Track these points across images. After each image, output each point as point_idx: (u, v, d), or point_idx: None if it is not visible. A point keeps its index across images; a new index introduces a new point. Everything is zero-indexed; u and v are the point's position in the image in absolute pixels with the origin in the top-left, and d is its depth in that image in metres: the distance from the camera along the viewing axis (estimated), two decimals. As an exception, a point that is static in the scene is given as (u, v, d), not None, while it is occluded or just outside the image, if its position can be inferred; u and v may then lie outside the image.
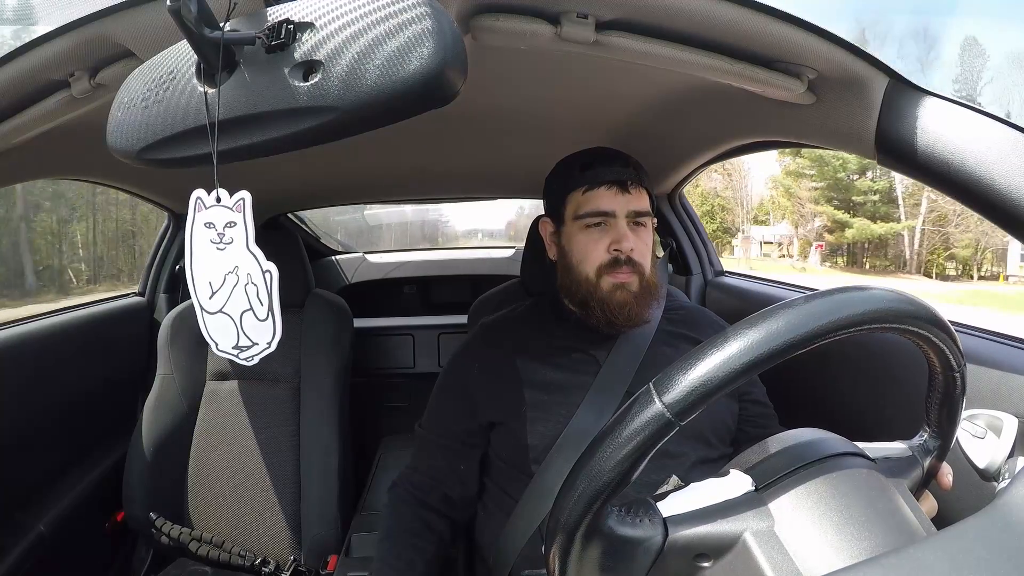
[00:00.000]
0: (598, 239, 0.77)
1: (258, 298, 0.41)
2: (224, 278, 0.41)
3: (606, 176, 0.77)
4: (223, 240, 0.41)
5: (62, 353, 1.12)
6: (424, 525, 0.80)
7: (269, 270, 0.41)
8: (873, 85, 0.59)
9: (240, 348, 0.43)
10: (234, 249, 0.41)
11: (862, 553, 0.34)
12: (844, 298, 0.35)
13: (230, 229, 0.41)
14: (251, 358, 0.43)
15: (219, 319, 0.42)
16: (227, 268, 0.41)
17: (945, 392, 0.42)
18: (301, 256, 1.28)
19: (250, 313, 0.42)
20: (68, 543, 1.06)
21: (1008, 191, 0.50)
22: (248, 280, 0.41)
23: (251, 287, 0.41)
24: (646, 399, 0.34)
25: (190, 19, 0.33)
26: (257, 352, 0.43)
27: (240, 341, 0.43)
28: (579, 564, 0.37)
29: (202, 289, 0.42)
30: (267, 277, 0.41)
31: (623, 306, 0.75)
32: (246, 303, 0.41)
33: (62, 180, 1.09)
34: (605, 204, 0.77)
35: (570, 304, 0.83)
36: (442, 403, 0.87)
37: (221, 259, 0.41)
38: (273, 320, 0.42)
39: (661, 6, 0.52)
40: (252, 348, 0.43)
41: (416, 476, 0.85)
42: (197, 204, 0.41)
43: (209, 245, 0.41)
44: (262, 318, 0.42)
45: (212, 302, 0.42)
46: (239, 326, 0.42)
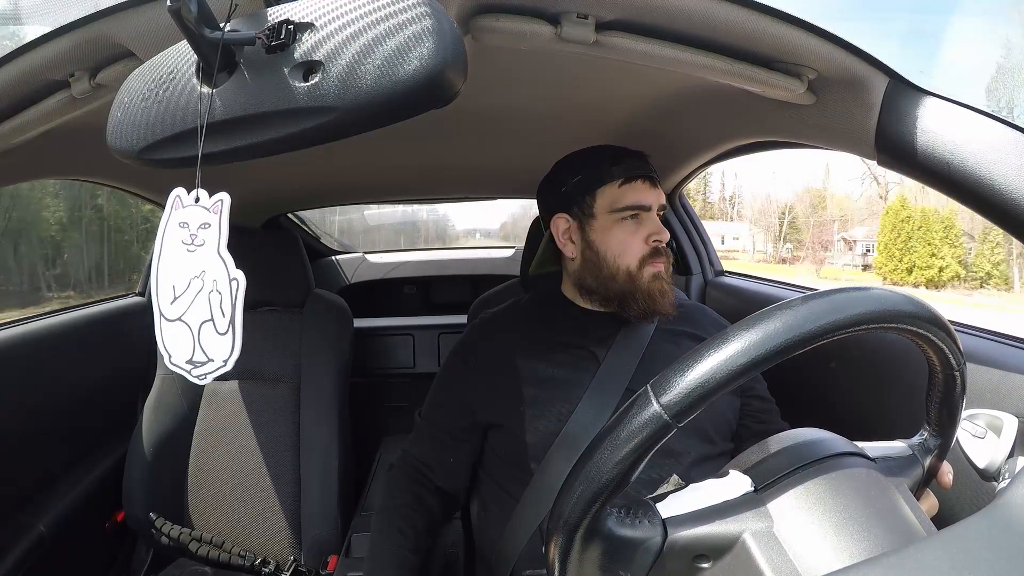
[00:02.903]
0: (635, 231, 0.78)
1: (220, 308, 0.38)
2: (189, 282, 0.39)
3: (639, 170, 0.79)
4: (194, 242, 0.39)
5: (62, 353, 1.12)
6: (416, 498, 0.82)
7: (236, 278, 0.38)
8: (873, 85, 0.59)
9: (194, 363, 0.39)
10: (204, 252, 0.39)
11: (862, 553, 0.34)
12: (843, 298, 0.35)
13: (203, 231, 0.39)
14: (204, 376, 0.39)
15: (176, 328, 0.39)
16: (194, 272, 0.39)
17: (945, 391, 0.42)
18: (301, 256, 1.28)
19: (210, 324, 0.39)
20: (68, 543, 1.06)
21: (1008, 191, 0.50)
22: (213, 287, 0.38)
23: (215, 295, 0.38)
24: (644, 401, 0.34)
25: (190, 19, 0.33)
26: (211, 370, 0.39)
27: (195, 355, 0.39)
28: (579, 565, 0.37)
29: (164, 292, 0.39)
30: (233, 285, 0.38)
31: (663, 293, 0.78)
32: (207, 313, 0.39)
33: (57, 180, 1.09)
34: (644, 198, 0.79)
35: (592, 300, 0.83)
36: (439, 397, 0.88)
37: (189, 262, 0.39)
38: (233, 335, 0.38)
39: (661, 7, 0.52)
40: (206, 365, 0.39)
41: (411, 459, 0.87)
42: (175, 202, 0.39)
43: (179, 246, 0.39)
44: (222, 331, 0.38)
45: (172, 308, 0.39)
46: (196, 338, 0.39)
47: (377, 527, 0.79)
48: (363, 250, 2.34)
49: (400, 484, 0.85)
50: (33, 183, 4.80)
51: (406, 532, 0.77)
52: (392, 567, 0.74)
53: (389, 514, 0.80)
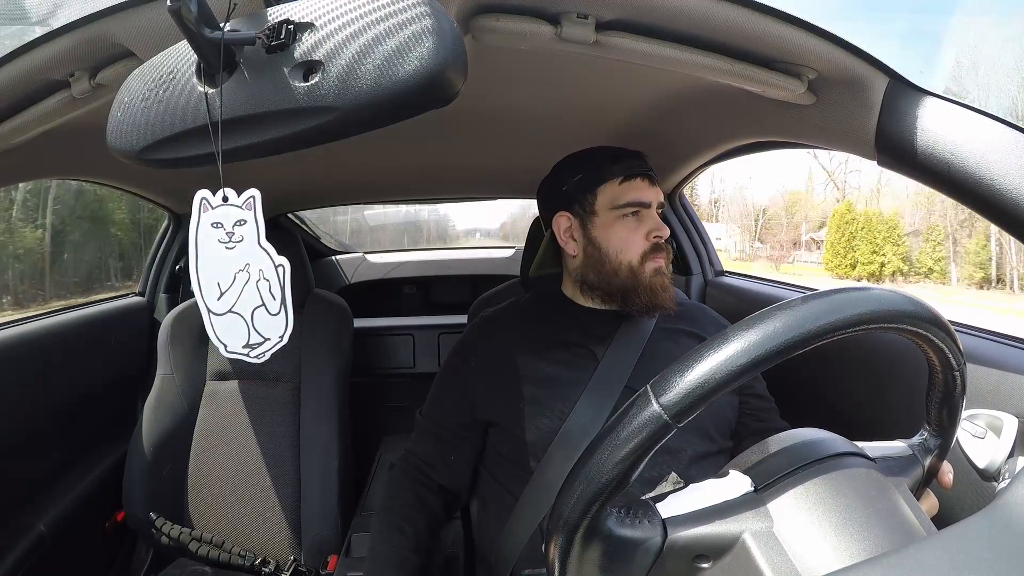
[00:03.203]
0: (636, 227, 0.80)
1: (271, 293, 0.42)
2: (234, 277, 0.42)
3: (638, 168, 0.81)
4: (232, 239, 0.41)
5: (62, 353, 1.12)
6: (417, 498, 0.82)
7: (282, 264, 0.41)
8: (873, 85, 0.59)
9: (251, 346, 0.43)
10: (244, 247, 0.41)
11: (862, 553, 0.34)
12: (843, 298, 0.35)
13: (240, 227, 0.41)
14: (262, 355, 0.43)
15: (227, 319, 0.42)
16: (237, 267, 0.41)
17: (945, 391, 0.42)
18: (301, 256, 1.28)
19: (262, 309, 0.42)
20: (68, 543, 1.06)
21: (1008, 191, 0.50)
22: (260, 276, 0.41)
23: (263, 283, 0.42)
24: (643, 401, 0.34)
25: (190, 19, 0.33)
26: (269, 348, 0.43)
27: (251, 339, 0.43)
28: (579, 565, 0.37)
29: (209, 291, 0.42)
30: (280, 271, 0.41)
31: (665, 288, 0.80)
32: (258, 299, 0.42)
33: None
34: (643, 195, 0.80)
35: (593, 298, 0.84)
36: (439, 395, 0.88)
37: (230, 258, 0.41)
38: (286, 313, 0.42)
39: (661, 7, 0.52)
40: (264, 344, 0.43)
41: (412, 458, 0.87)
42: (203, 204, 0.41)
43: (217, 245, 0.41)
44: (274, 312, 0.42)
45: (220, 303, 0.42)
46: (250, 324, 0.42)
47: (377, 527, 0.79)
48: (370, 249, 2.35)
49: (401, 484, 0.85)
50: (84, 188, 5.06)
51: (406, 532, 0.77)
52: (392, 567, 0.73)
53: (390, 514, 0.80)
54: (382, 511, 0.81)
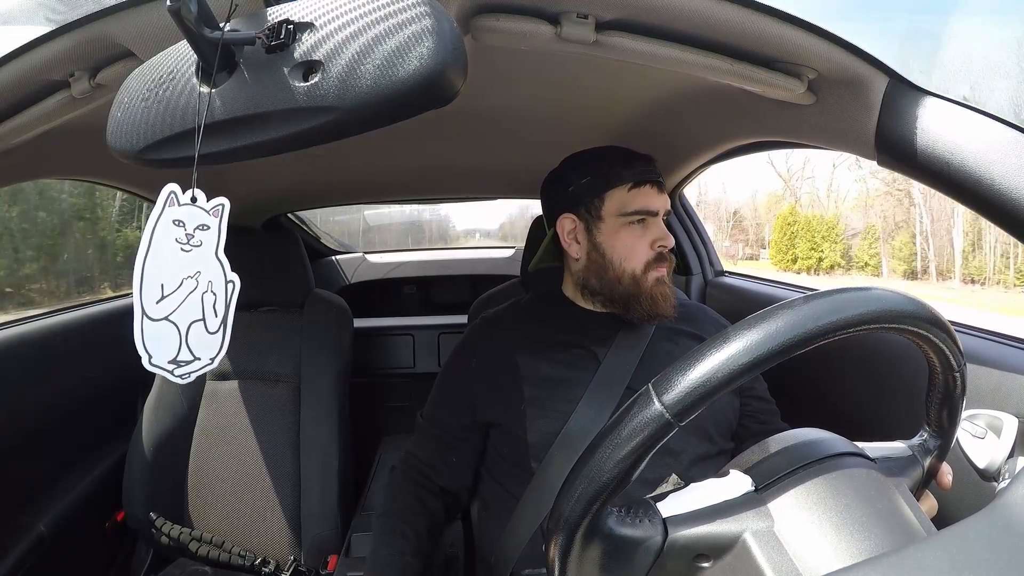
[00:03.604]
0: (641, 236, 0.79)
1: (214, 308, 0.39)
2: (181, 282, 0.39)
3: (649, 175, 0.80)
4: (190, 241, 0.39)
5: (62, 353, 1.12)
6: (418, 501, 0.82)
7: (233, 280, 0.39)
8: (873, 85, 0.59)
9: (178, 363, 0.39)
10: (200, 253, 0.39)
11: (862, 553, 0.34)
12: (844, 298, 0.35)
13: (201, 232, 0.39)
14: (187, 375, 0.39)
15: (160, 327, 0.39)
16: (187, 272, 0.39)
17: (945, 392, 0.42)
18: (301, 256, 1.28)
19: (200, 324, 0.39)
20: (68, 543, 1.06)
21: (1008, 191, 0.50)
22: (208, 288, 0.39)
23: (208, 295, 0.39)
24: (645, 400, 0.34)
25: (190, 19, 0.33)
26: (196, 368, 0.39)
27: (180, 355, 0.39)
28: (579, 564, 0.37)
29: (150, 291, 0.39)
30: (229, 287, 0.39)
31: (666, 298, 0.79)
32: (199, 312, 0.39)
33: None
34: (652, 203, 0.79)
35: (594, 301, 0.84)
36: (440, 396, 0.88)
37: (183, 261, 0.39)
38: (223, 334, 0.39)
39: (661, 7, 0.52)
40: (192, 364, 0.39)
41: (413, 461, 0.87)
42: (169, 198, 0.39)
43: (173, 244, 0.39)
44: (212, 331, 0.39)
45: (158, 307, 0.39)
46: (183, 337, 0.39)
47: (378, 530, 0.79)
48: (377, 248, 2.36)
49: (402, 487, 0.85)
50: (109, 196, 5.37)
51: (408, 535, 0.77)
52: (394, 571, 0.73)
53: (390, 517, 0.80)
54: (383, 514, 0.81)
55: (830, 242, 23.70)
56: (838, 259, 23.34)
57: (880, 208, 23.24)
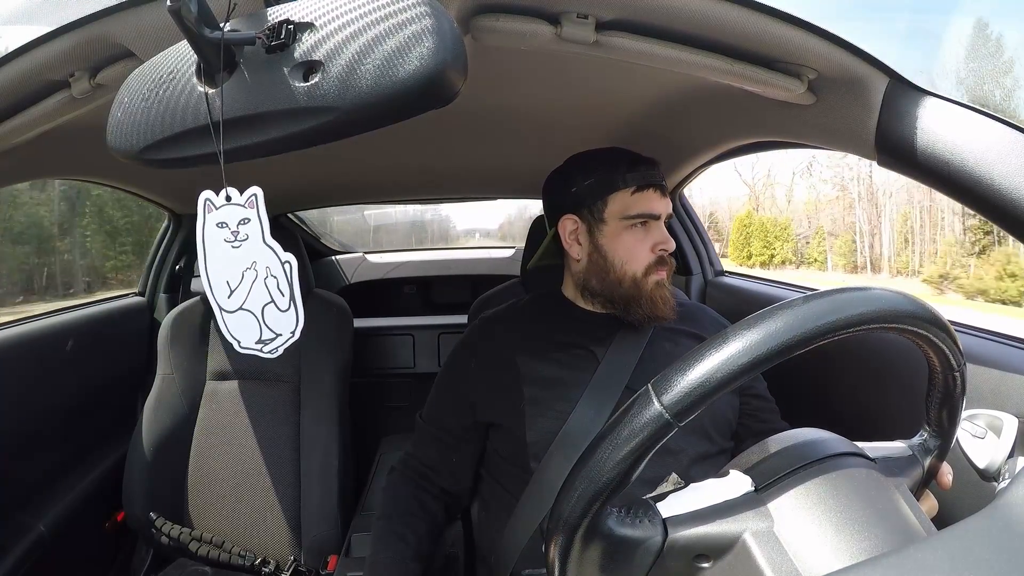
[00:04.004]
0: (642, 239, 0.79)
1: (279, 289, 0.42)
2: (242, 275, 0.42)
3: (652, 179, 0.80)
4: (238, 238, 0.42)
5: (62, 353, 1.12)
6: (418, 503, 0.82)
7: (288, 260, 0.42)
8: (873, 85, 0.59)
9: (263, 342, 0.43)
10: (250, 245, 0.42)
11: (862, 553, 0.34)
12: (844, 298, 0.35)
13: (244, 226, 0.41)
14: (275, 350, 0.43)
15: (238, 317, 0.43)
16: (244, 265, 0.42)
17: (945, 392, 0.42)
18: (301, 256, 1.28)
19: (272, 305, 0.42)
20: (68, 543, 1.06)
21: (1008, 191, 0.50)
22: (267, 273, 0.42)
23: (271, 280, 0.42)
24: (644, 400, 0.34)
25: (190, 19, 0.33)
26: (281, 343, 0.43)
27: (263, 335, 0.43)
28: (579, 564, 0.37)
29: (219, 289, 0.43)
30: (287, 268, 0.42)
31: (666, 301, 0.79)
32: (267, 296, 0.42)
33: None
34: (655, 207, 0.79)
35: (594, 302, 0.84)
36: (440, 397, 0.88)
37: (237, 257, 0.42)
38: (295, 309, 0.42)
39: (661, 6, 0.52)
40: (276, 340, 0.43)
41: (413, 462, 0.87)
42: (207, 205, 0.42)
43: (223, 244, 0.42)
44: (284, 308, 0.42)
45: (230, 301, 0.43)
46: (261, 320, 0.43)
47: (378, 533, 0.79)
48: (381, 248, 2.36)
49: (401, 489, 0.84)
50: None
51: (408, 539, 0.77)
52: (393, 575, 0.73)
53: (390, 520, 0.80)
54: (383, 517, 0.81)
55: (782, 241, 28.42)
56: (789, 255, 28.12)
57: (829, 212, 28.47)
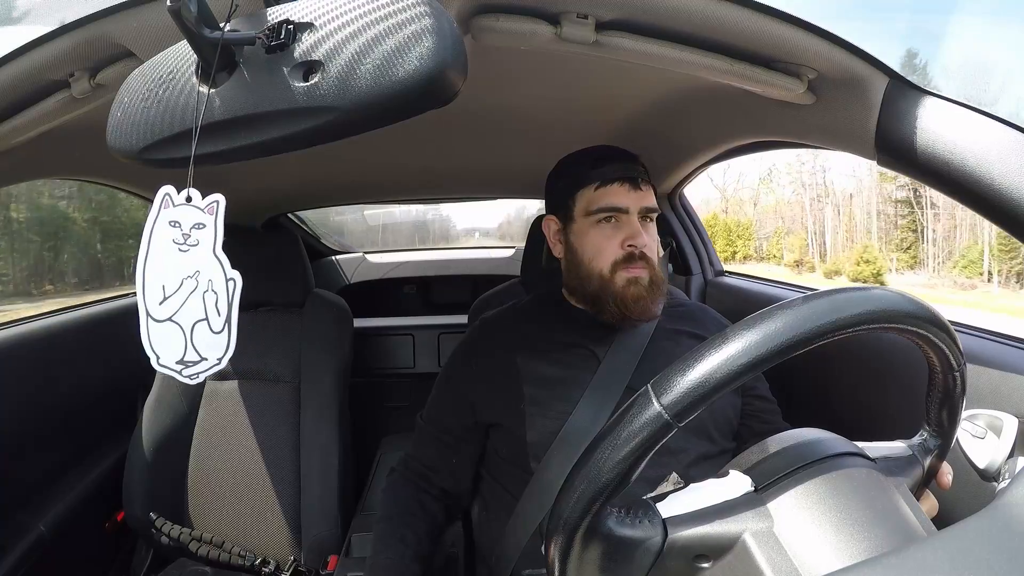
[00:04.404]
0: (611, 235, 0.78)
1: (216, 307, 0.38)
2: (181, 282, 0.38)
3: (618, 172, 0.78)
4: (187, 241, 0.38)
5: (62, 353, 1.12)
6: (418, 505, 0.82)
7: (233, 278, 0.38)
8: (873, 85, 0.59)
9: (185, 363, 0.39)
10: (198, 252, 0.38)
11: (862, 553, 0.34)
12: (844, 298, 0.35)
13: (197, 231, 0.38)
14: (196, 375, 0.39)
15: (166, 328, 0.39)
16: (186, 272, 0.38)
17: (945, 392, 0.42)
18: (301, 256, 1.28)
19: (204, 324, 0.38)
20: (68, 543, 1.06)
21: (1008, 191, 0.50)
22: (208, 287, 0.38)
23: (210, 295, 0.38)
24: (644, 400, 0.34)
25: (190, 19, 0.33)
26: (204, 369, 0.39)
27: (187, 355, 0.39)
28: (579, 565, 0.37)
29: (152, 292, 0.39)
30: (230, 285, 0.38)
31: (637, 300, 0.76)
32: (201, 312, 0.38)
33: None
34: (619, 200, 0.77)
35: (577, 300, 0.84)
36: (440, 398, 0.88)
37: (181, 261, 0.38)
38: (229, 333, 0.38)
39: (661, 6, 0.52)
40: (199, 364, 0.39)
41: (413, 463, 0.87)
42: (164, 200, 0.39)
43: (170, 245, 0.39)
44: (217, 330, 0.38)
45: (161, 308, 0.39)
46: (189, 338, 0.39)
47: (378, 535, 0.79)
48: (388, 245, 2.37)
49: (401, 490, 0.84)
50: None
51: (408, 540, 0.77)
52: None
53: (390, 522, 0.79)
54: (383, 518, 0.81)
55: (744, 240, 33.56)
56: (750, 252, 33.22)
57: (788, 213, 33.91)
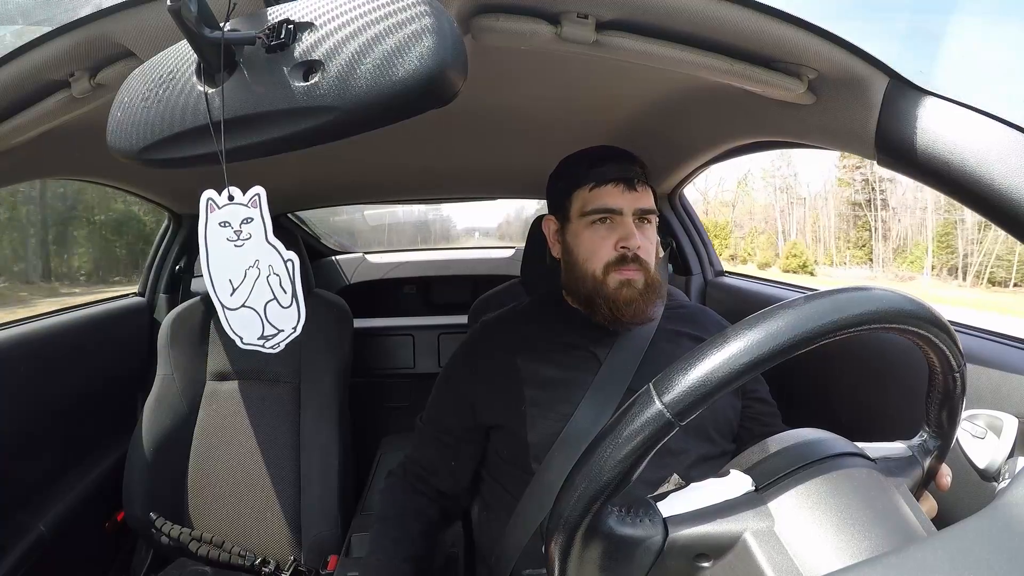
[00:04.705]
0: (605, 236, 0.78)
1: (281, 287, 0.43)
2: (245, 273, 0.43)
3: (613, 174, 0.78)
4: (240, 237, 0.42)
5: (62, 353, 1.12)
6: (414, 506, 0.82)
7: (291, 259, 0.42)
8: (873, 85, 0.59)
9: (266, 337, 0.45)
10: (253, 244, 0.42)
11: (862, 553, 0.34)
12: (844, 298, 0.35)
13: (247, 225, 0.42)
14: (277, 345, 0.45)
15: (241, 314, 0.44)
16: (247, 263, 0.43)
17: (945, 392, 0.42)
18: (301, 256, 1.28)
19: (274, 303, 0.44)
20: (68, 543, 1.06)
21: (1008, 191, 0.50)
22: (270, 271, 0.43)
23: (273, 277, 0.43)
24: (646, 399, 0.34)
25: (190, 19, 0.33)
26: (283, 338, 0.45)
27: (265, 331, 0.44)
28: (579, 564, 0.37)
29: (222, 287, 0.43)
30: (289, 266, 0.43)
31: (630, 303, 0.76)
32: (269, 294, 0.43)
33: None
34: (612, 201, 0.77)
35: (574, 301, 0.84)
36: (440, 399, 0.88)
37: (240, 255, 0.42)
38: (297, 305, 0.43)
39: (661, 6, 0.52)
40: (278, 335, 0.45)
41: (411, 465, 0.87)
42: (209, 205, 0.42)
43: (226, 243, 0.42)
44: (286, 305, 0.43)
45: (233, 299, 0.44)
46: (263, 317, 0.44)
47: (373, 535, 0.79)
48: (392, 244, 2.38)
49: (398, 492, 0.85)
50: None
51: (401, 540, 0.77)
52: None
53: (385, 524, 0.80)
54: (378, 520, 0.81)
55: (720, 239, 36.11)
56: (725, 251, 35.53)
57: (762, 215, 37.28)
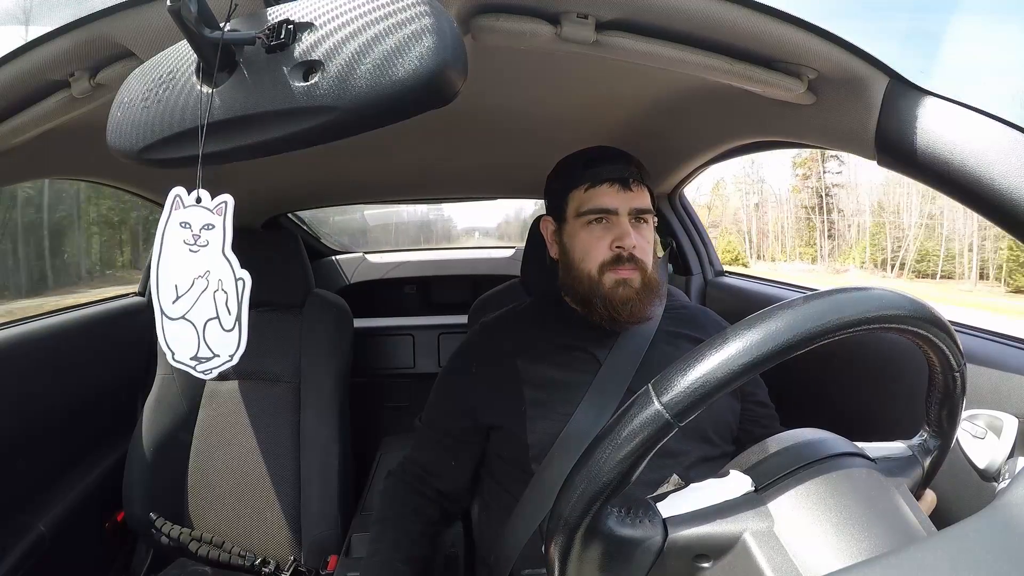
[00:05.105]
0: (600, 236, 0.78)
1: (226, 306, 0.39)
2: (192, 282, 0.40)
3: (608, 174, 0.78)
4: (197, 242, 0.39)
5: (62, 353, 1.12)
6: (413, 509, 0.82)
7: (242, 278, 0.39)
8: (873, 85, 0.59)
9: (199, 359, 0.40)
10: (208, 252, 0.39)
11: (862, 553, 0.34)
12: (844, 298, 0.35)
13: (207, 231, 0.39)
14: (209, 371, 0.40)
15: (179, 326, 0.40)
16: (197, 272, 0.39)
17: (945, 392, 0.42)
18: (301, 256, 1.28)
19: (215, 322, 0.40)
20: (68, 543, 1.06)
21: (1008, 191, 0.50)
22: (218, 286, 0.39)
23: (220, 294, 0.39)
24: (645, 400, 0.34)
25: (190, 19, 0.33)
26: (216, 365, 0.40)
27: (200, 352, 0.40)
28: (579, 564, 0.37)
29: (166, 292, 0.40)
30: (239, 285, 0.39)
31: (626, 302, 0.76)
32: (212, 311, 0.39)
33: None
34: (607, 201, 0.78)
35: (572, 302, 0.84)
36: (440, 400, 0.88)
37: (192, 262, 0.39)
38: (239, 331, 0.39)
39: (661, 6, 0.52)
40: (212, 360, 0.40)
41: (411, 466, 0.87)
42: (175, 202, 0.40)
43: (181, 246, 0.40)
44: (228, 328, 0.39)
45: (175, 307, 0.40)
46: (201, 335, 0.40)
47: (373, 537, 0.79)
48: (397, 244, 2.39)
49: (397, 493, 0.84)
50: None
51: (400, 541, 0.77)
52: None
53: (384, 524, 0.80)
54: (377, 521, 0.81)
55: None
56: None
57: (734, 217, 40.39)
